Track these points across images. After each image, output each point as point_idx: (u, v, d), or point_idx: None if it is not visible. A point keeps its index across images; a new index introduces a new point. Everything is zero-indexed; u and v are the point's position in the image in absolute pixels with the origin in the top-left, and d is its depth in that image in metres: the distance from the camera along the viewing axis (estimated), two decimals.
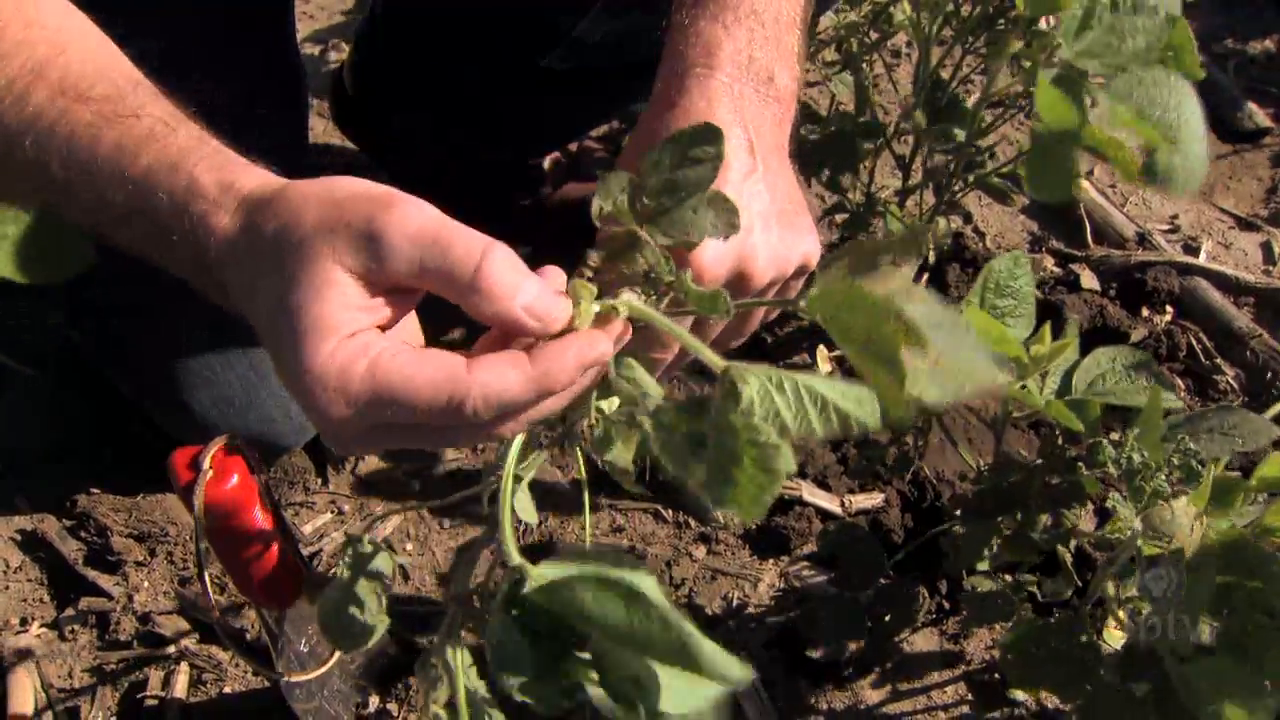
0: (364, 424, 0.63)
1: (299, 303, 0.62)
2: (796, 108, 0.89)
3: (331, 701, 1.12)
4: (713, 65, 0.83)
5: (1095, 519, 1.35)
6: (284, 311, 0.63)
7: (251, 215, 0.67)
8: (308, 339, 0.61)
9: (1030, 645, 0.97)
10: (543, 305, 0.63)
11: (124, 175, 0.71)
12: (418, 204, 0.64)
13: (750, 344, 1.55)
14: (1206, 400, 1.55)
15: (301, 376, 0.61)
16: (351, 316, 0.62)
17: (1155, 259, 1.71)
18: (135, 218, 0.72)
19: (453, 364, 0.61)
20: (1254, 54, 2.13)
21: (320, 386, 0.61)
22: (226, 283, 0.69)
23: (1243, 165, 1.94)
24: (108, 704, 1.20)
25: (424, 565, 1.32)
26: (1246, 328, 1.62)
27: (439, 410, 0.61)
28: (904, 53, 2.03)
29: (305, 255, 0.63)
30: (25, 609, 1.27)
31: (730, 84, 0.83)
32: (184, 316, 1.25)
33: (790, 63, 0.87)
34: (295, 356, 0.62)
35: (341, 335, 0.62)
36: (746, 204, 0.78)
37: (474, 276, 0.61)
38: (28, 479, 1.37)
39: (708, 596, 1.31)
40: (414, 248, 0.62)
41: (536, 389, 0.61)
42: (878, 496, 1.40)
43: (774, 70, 0.85)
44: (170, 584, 1.28)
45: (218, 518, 0.90)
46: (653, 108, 0.84)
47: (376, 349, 0.62)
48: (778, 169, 0.84)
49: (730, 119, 0.82)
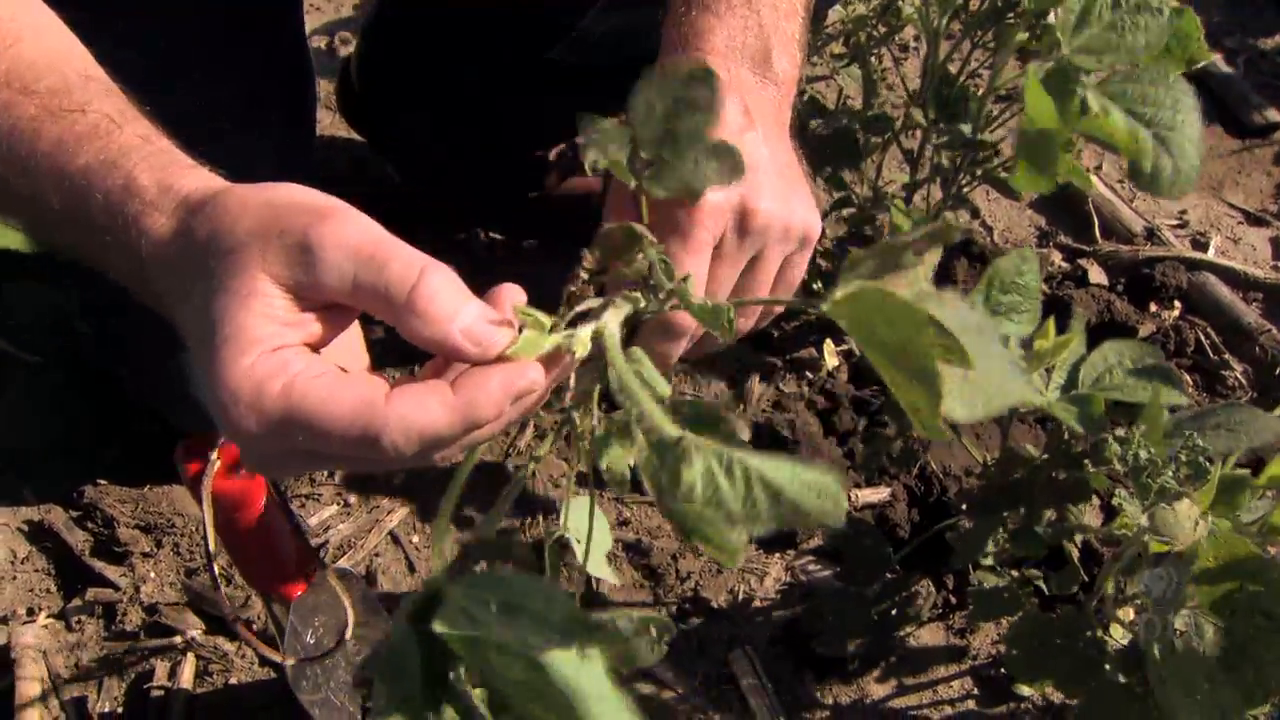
0: (277, 445, 0.59)
1: (222, 311, 0.58)
2: (797, 95, 0.88)
3: (338, 693, 1.12)
4: (706, 49, 0.83)
5: (1102, 515, 1.35)
6: (207, 319, 0.59)
7: (187, 219, 0.64)
8: (226, 349, 0.57)
9: (1034, 640, 0.97)
10: (482, 330, 0.58)
11: (62, 173, 0.68)
12: (358, 217, 0.60)
13: (757, 338, 1.55)
14: (1214, 396, 1.55)
15: (217, 388, 0.57)
16: (276, 330, 0.58)
17: (1164, 254, 1.70)
18: (72, 218, 0.68)
19: (372, 392, 0.56)
20: (1264, 49, 2.13)
21: (233, 400, 0.57)
22: (159, 290, 0.66)
23: (1252, 160, 1.93)
24: (114, 694, 1.20)
25: (430, 557, 1.33)
26: (1255, 323, 1.62)
27: (353, 441, 0.56)
28: (912, 47, 2.03)
29: (235, 263, 0.59)
30: (32, 599, 1.27)
31: (724, 64, 0.82)
32: None
33: (790, 49, 0.86)
34: (213, 367, 0.58)
35: (264, 349, 0.58)
36: (747, 153, 0.76)
37: (410, 296, 0.57)
38: (35, 471, 1.37)
39: (713, 590, 1.31)
40: (348, 262, 0.58)
41: (461, 420, 0.57)
42: (884, 491, 1.40)
43: (771, 55, 0.84)
44: (177, 575, 1.29)
45: (225, 508, 0.90)
46: None
47: (296, 368, 0.57)
48: (776, 139, 0.83)
49: (725, 86, 0.81)
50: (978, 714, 1.23)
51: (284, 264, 0.58)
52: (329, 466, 0.63)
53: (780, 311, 0.86)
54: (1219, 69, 2.04)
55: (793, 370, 1.54)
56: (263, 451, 0.60)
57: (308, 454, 0.60)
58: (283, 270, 0.58)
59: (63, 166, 0.68)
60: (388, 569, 1.32)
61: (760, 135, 0.80)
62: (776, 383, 1.52)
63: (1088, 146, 1.87)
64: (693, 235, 0.75)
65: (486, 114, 1.53)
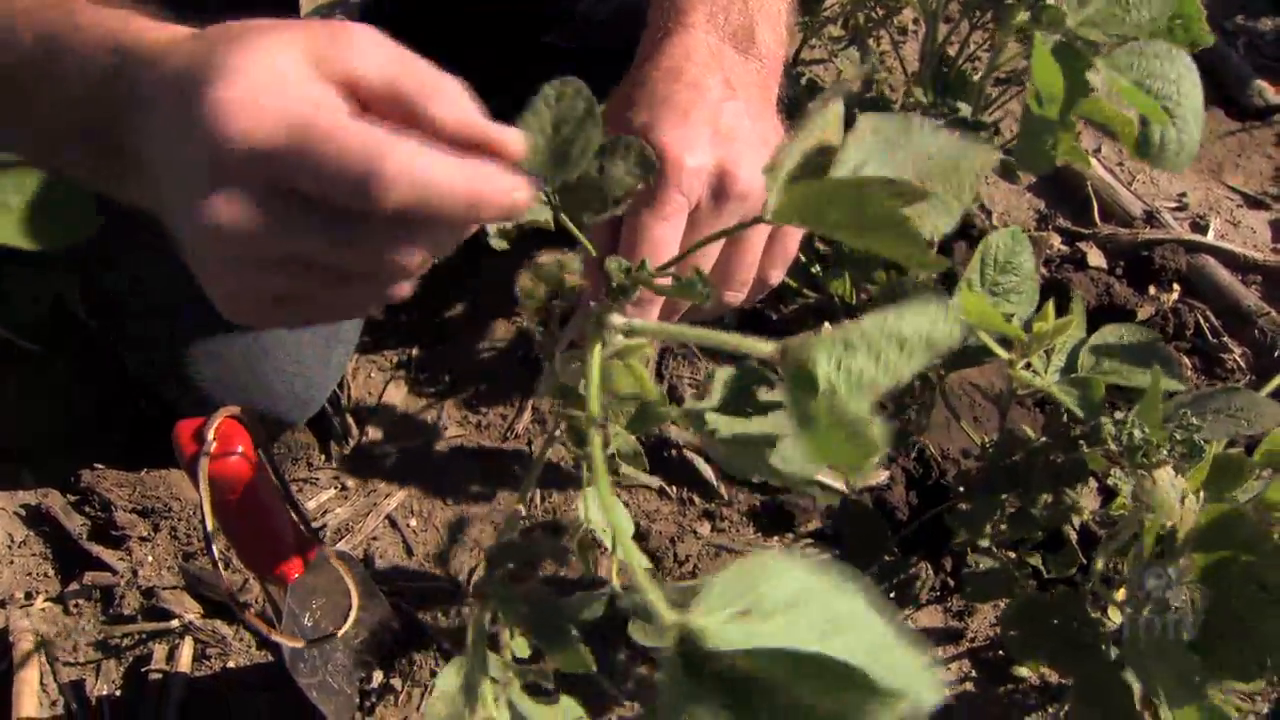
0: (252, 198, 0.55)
1: (224, 57, 0.55)
2: (795, 78, 0.87)
3: (335, 676, 1.12)
4: (687, 24, 0.82)
5: (1100, 498, 1.34)
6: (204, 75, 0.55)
7: (191, 36, 0.61)
8: (221, 78, 0.54)
9: (1030, 619, 0.97)
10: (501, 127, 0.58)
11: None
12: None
13: (755, 323, 1.54)
14: (1214, 379, 1.55)
15: (205, 107, 0.54)
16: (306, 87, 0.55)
17: (1163, 237, 1.70)
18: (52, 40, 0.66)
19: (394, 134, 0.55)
20: (1264, 31, 2.12)
21: (227, 114, 0.53)
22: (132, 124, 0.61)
23: (1252, 143, 1.92)
24: (112, 678, 1.20)
25: (427, 541, 1.33)
26: (1254, 306, 1.62)
27: (353, 175, 0.53)
28: (911, 30, 2.02)
29: (252, 34, 0.56)
30: (30, 584, 1.27)
31: (706, 38, 0.81)
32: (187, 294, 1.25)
33: (775, 24, 0.85)
34: (205, 91, 0.54)
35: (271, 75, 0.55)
36: (727, 121, 0.74)
37: (441, 80, 0.58)
38: (32, 455, 1.37)
39: (711, 573, 1.31)
40: (382, 49, 0.57)
41: (464, 183, 0.55)
42: (883, 474, 1.40)
43: (755, 30, 0.83)
44: (174, 559, 1.29)
45: (222, 490, 0.90)
46: (631, 71, 0.83)
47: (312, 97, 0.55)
48: (760, 112, 0.81)
49: (706, 65, 0.79)
50: (976, 695, 1.23)
51: (314, 41, 0.56)
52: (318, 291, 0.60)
53: (775, 286, 0.84)
54: (1219, 51, 2.03)
55: None
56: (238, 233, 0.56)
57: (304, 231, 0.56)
58: (313, 45, 0.56)
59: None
60: (385, 552, 1.32)
61: (742, 106, 0.78)
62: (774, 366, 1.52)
63: (1086, 130, 1.87)
64: (663, 201, 0.72)
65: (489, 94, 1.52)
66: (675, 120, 0.74)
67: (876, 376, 0.46)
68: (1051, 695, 1.22)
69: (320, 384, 1.33)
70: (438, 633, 1.23)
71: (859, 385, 0.45)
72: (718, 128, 0.75)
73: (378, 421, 1.43)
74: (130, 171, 0.64)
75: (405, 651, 1.21)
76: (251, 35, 0.57)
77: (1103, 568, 0.95)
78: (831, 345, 0.46)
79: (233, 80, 0.54)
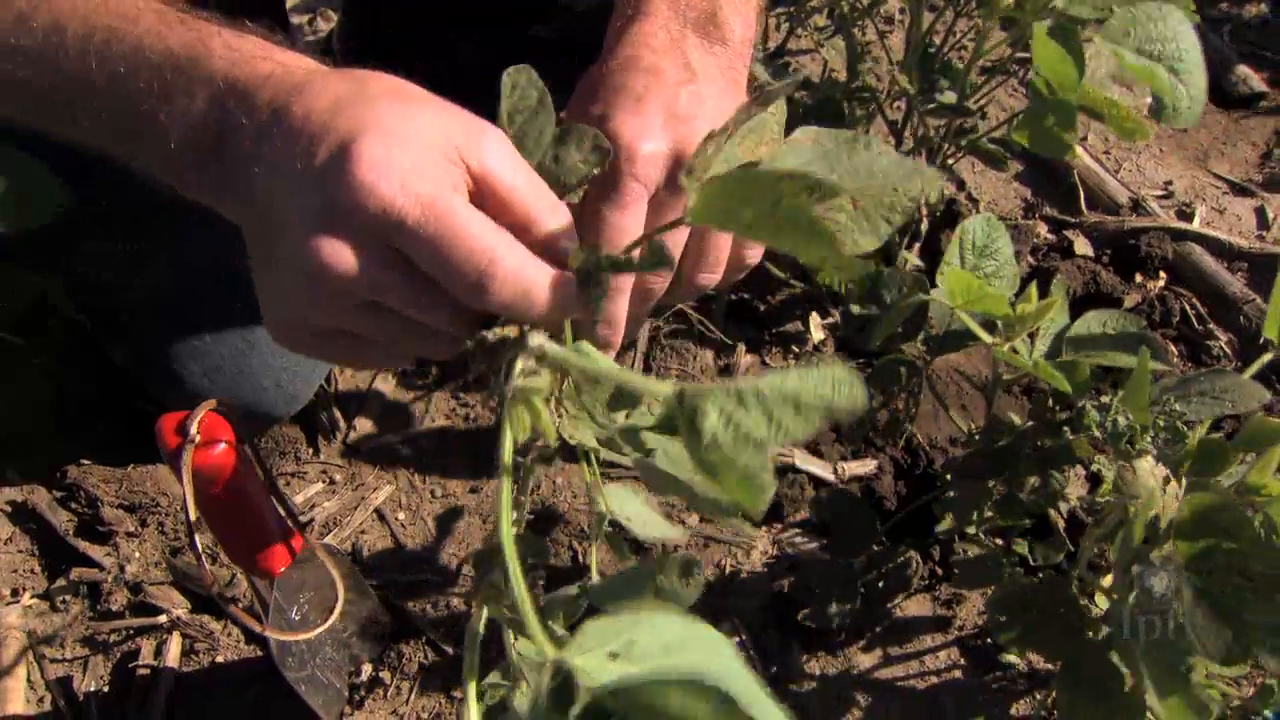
0: (363, 250, 0.61)
1: (384, 115, 0.61)
2: (752, 60, 0.85)
3: (324, 670, 1.12)
4: (649, 11, 0.81)
5: (1087, 485, 1.35)
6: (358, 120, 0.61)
7: (331, 74, 0.67)
8: (385, 138, 0.60)
9: (1017, 605, 0.97)
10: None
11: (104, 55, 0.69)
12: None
13: (742, 313, 1.55)
14: (1200, 365, 1.55)
15: (351, 162, 0.59)
16: (445, 168, 0.62)
17: (1149, 225, 1.70)
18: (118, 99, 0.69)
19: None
20: (1249, 18, 2.12)
21: (374, 176, 0.59)
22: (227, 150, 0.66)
23: (1237, 130, 1.93)
24: (100, 674, 1.20)
25: (416, 534, 1.32)
26: (1240, 293, 1.62)
27: (470, 269, 0.60)
28: (897, 19, 2.02)
29: (409, 100, 0.63)
30: (16, 580, 1.27)
31: (667, 25, 0.80)
32: (175, 287, 1.24)
33: (742, 9, 0.83)
34: (356, 148, 0.59)
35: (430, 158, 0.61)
36: (684, 105, 0.74)
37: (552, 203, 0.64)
38: (17, 451, 1.37)
39: None
40: (512, 156, 0.63)
41: (553, 300, 0.62)
42: (870, 463, 1.40)
43: (719, 15, 0.82)
44: (161, 554, 1.28)
45: (206, 483, 0.90)
46: (595, 63, 0.81)
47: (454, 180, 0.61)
48: (722, 95, 0.80)
49: (665, 50, 0.78)
50: (964, 683, 1.23)
51: (460, 130, 0.62)
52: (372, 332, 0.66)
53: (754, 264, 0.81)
54: (1203, 38, 2.03)
55: (779, 343, 1.53)
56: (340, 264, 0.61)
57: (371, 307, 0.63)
58: (457, 133, 0.62)
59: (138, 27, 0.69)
60: (373, 546, 1.31)
61: (700, 89, 0.77)
62: (762, 356, 1.52)
63: None
64: (621, 190, 0.72)
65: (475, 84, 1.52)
66: (630, 107, 0.73)
67: (766, 435, 0.46)
68: (1039, 682, 1.23)
69: (307, 378, 1.33)
70: (427, 625, 1.23)
71: (745, 441, 0.46)
72: (674, 111, 0.73)
73: (366, 415, 1.43)
74: (212, 173, 0.67)
75: (394, 644, 1.21)
76: (409, 102, 0.63)
77: (1090, 554, 0.95)
78: (724, 398, 0.47)
79: (387, 145, 0.59)
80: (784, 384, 0.46)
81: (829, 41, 1.56)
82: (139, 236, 1.20)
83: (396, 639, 1.21)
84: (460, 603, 1.26)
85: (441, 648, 1.21)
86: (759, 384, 0.46)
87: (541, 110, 0.63)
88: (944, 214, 1.64)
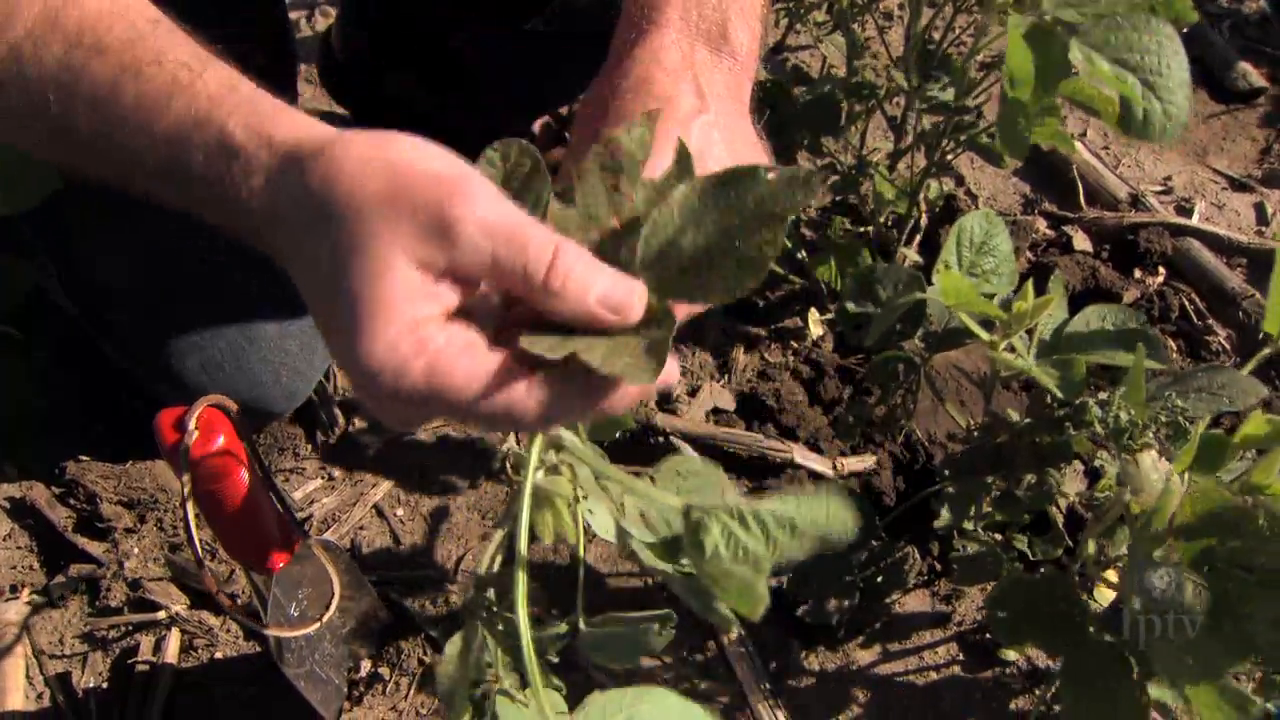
0: (415, 414, 0.62)
1: (357, 287, 0.59)
2: (781, 64, 0.86)
3: (323, 665, 1.12)
4: (659, 22, 0.81)
5: (1086, 480, 1.35)
6: (337, 290, 0.60)
7: (292, 173, 0.64)
8: (365, 328, 0.58)
9: (1016, 600, 0.97)
10: (618, 296, 0.60)
11: (151, 132, 0.68)
12: (488, 190, 0.61)
13: (742, 308, 1.54)
14: (1198, 361, 1.55)
15: (356, 366, 0.59)
16: (413, 306, 0.59)
17: (1148, 220, 1.70)
18: (168, 177, 0.69)
19: (512, 379, 0.59)
20: (1248, 14, 2.12)
21: (374, 377, 0.59)
22: (269, 242, 0.66)
23: (1236, 125, 1.93)
24: (99, 670, 1.20)
25: (414, 530, 1.32)
26: (1238, 288, 1.62)
27: (488, 418, 0.60)
28: (896, 15, 2.02)
29: (364, 233, 0.59)
30: (15, 576, 1.27)
31: (678, 39, 0.80)
32: (173, 283, 1.24)
33: (749, 19, 0.84)
34: (351, 344, 0.59)
35: (401, 325, 0.59)
36: (696, 141, 0.74)
37: (548, 276, 0.59)
38: (16, 447, 1.36)
39: None
40: (486, 241, 0.59)
41: (594, 414, 0.61)
42: (869, 459, 1.40)
43: (729, 27, 0.82)
44: (160, 550, 1.28)
45: (204, 479, 0.90)
46: (603, 73, 0.82)
47: (436, 345, 0.59)
48: (732, 118, 0.81)
49: (677, 73, 0.78)
50: (962, 679, 1.23)
51: (420, 241, 0.59)
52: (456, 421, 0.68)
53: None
54: (1202, 34, 2.03)
55: (777, 340, 1.53)
56: (398, 418, 0.63)
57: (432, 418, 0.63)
58: (418, 247, 0.59)
59: (151, 126, 0.68)
60: (372, 542, 1.31)
61: (713, 118, 0.78)
62: (761, 352, 1.52)
63: (1072, 113, 1.87)
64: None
65: (475, 78, 1.51)
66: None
67: (764, 554, 0.51)
68: (1038, 678, 1.23)
69: (307, 375, 1.32)
70: (425, 621, 1.23)
71: (744, 558, 0.51)
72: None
73: (364, 412, 1.43)
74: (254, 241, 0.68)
75: (393, 640, 1.21)
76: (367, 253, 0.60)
77: (1090, 550, 0.95)
78: (727, 519, 0.51)
79: (371, 333, 0.59)
80: (783, 509, 0.50)
81: (828, 37, 1.56)
82: (136, 235, 1.20)
83: (395, 635, 1.21)
84: (458, 599, 1.26)
85: (440, 643, 1.21)
86: (760, 507, 0.51)
87: (536, 175, 0.63)
88: (943, 209, 1.64)
